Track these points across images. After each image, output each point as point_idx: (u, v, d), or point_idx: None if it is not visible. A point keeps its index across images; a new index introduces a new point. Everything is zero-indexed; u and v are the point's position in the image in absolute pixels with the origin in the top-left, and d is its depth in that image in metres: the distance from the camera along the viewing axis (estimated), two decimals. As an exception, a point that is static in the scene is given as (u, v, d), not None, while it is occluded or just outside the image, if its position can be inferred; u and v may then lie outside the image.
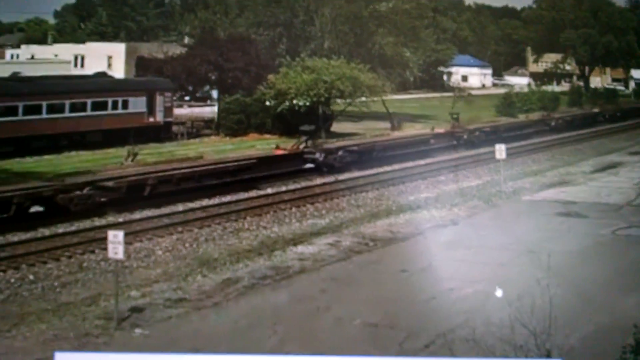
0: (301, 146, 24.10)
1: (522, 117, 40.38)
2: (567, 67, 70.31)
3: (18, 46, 65.49)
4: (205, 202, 19.36)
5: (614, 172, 24.33)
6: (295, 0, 40.67)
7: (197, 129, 32.66)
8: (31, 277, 13.10)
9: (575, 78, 72.51)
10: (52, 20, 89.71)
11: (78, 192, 16.72)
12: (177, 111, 32.84)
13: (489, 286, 10.68)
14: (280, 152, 23.65)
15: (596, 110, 44.78)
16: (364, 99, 31.77)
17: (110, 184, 17.54)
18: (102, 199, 17.15)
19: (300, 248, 13.98)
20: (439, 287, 11.06)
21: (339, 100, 32.35)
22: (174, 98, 32.53)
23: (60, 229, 16.13)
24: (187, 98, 37.33)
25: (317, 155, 23.33)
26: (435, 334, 9.26)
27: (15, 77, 32.92)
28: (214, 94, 35.92)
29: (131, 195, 17.72)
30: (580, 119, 39.74)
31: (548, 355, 7.50)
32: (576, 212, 17.12)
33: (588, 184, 21.54)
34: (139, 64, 39.37)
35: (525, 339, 8.50)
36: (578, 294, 10.45)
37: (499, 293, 10.29)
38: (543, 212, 17.11)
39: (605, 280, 11.49)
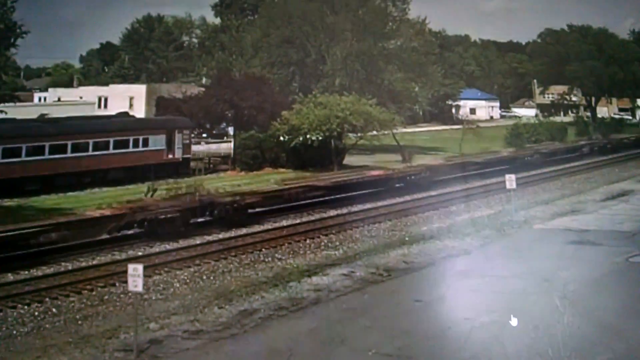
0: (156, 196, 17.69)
1: (529, 146, 40.03)
2: (574, 98, 70.12)
3: (46, 89, 67.22)
4: (222, 235, 19.37)
5: (625, 199, 23.94)
6: (307, 40, 41.44)
7: (214, 165, 32.99)
8: (54, 310, 13.10)
9: (582, 109, 72.26)
10: (77, 65, 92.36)
11: None
12: (195, 148, 33.24)
13: (504, 315, 10.42)
14: (98, 213, 17.73)
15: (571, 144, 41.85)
16: (375, 132, 31.89)
17: None
18: None
19: (315, 279, 13.83)
20: (454, 316, 10.81)
21: (351, 135, 32.52)
22: (192, 135, 33.00)
23: (83, 262, 16.21)
24: (204, 135, 37.83)
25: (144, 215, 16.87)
26: (451, 363, 9.02)
27: (42, 119, 33.61)
28: (230, 130, 36.38)
29: None
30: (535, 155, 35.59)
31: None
32: (589, 240, 16.77)
33: (600, 212, 21.17)
34: (159, 104, 40.21)
35: (542, 368, 8.23)
36: (593, 321, 10.15)
37: (514, 322, 10.03)
38: (556, 240, 16.79)
39: (620, 307, 11.16)
